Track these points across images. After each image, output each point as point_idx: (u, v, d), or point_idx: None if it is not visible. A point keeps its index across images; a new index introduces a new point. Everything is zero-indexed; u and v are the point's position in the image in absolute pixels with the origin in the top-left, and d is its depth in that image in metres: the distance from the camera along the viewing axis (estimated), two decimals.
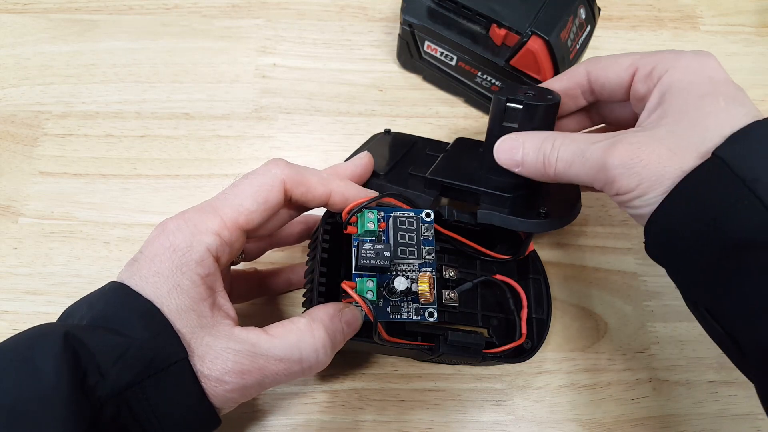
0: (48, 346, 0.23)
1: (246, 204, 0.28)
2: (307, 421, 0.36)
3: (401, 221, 0.32)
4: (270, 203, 0.29)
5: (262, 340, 0.27)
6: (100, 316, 0.25)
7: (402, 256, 0.31)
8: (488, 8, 0.40)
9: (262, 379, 0.27)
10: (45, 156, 0.43)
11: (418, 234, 0.32)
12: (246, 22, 0.49)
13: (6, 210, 0.41)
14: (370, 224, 0.30)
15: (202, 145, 0.44)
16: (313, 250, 0.33)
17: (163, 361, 0.25)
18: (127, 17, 0.49)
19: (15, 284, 0.39)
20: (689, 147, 0.25)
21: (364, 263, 0.30)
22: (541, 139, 0.30)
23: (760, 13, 0.52)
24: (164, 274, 0.26)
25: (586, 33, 0.42)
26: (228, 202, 0.28)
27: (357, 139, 0.45)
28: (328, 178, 0.31)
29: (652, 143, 0.26)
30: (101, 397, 0.23)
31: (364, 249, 0.30)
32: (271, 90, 0.47)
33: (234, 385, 0.26)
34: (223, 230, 0.27)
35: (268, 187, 0.28)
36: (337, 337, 0.29)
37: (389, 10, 0.50)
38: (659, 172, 0.25)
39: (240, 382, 0.26)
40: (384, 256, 0.30)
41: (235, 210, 0.28)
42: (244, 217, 0.28)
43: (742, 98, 0.27)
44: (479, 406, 0.37)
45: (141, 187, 0.43)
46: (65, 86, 0.46)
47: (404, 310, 0.31)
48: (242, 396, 0.27)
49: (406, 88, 0.48)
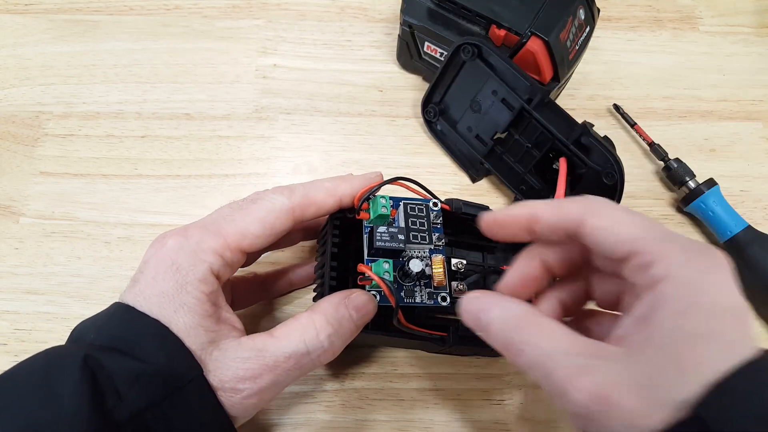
0: (67, 369, 0.23)
1: (251, 228, 0.28)
2: (307, 420, 0.36)
3: (411, 207, 0.32)
4: (276, 230, 0.29)
5: (269, 344, 0.27)
6: (111, 338, 0.25)
7: (414, 241, 0.31)
8: (488, 9, 0.40)
9: (276, 378, 0.27)
10: (46, 156, 0.43)
11: (428, 220, 0.32)
12: (246, 23, 0.49)
13: (7, 210, 0.41)
14: (383, 209, 0.30)
15: (203, 146, 0.44)
16: (322, 246, 0.33)
17: (180, 380, 0.25)
18: (127, 18, 0.49)
19: (16, 284, 0.39)
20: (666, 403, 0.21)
21: (379, 245, 0.30)
22: (508, 317, 0.26)
23: (760, 14, 0.52)
24: (169, 294, 0.26)
25: (586, 33, 0.42)
26: (234, 224, 0.28)
27: (357, 139, 0.45)
28: (334, 187, 0.31)
29: (624, 389, 0.22)
30: (120, 421, 0.23)
31: (378, 232, 0.30)
32: (272, 90, 0.47)
33: (249, 391, 0.26)
34: (226, 252, 0.27)
35: (275, 215, 0.29)
36: (344, 324, 0.29)
37: (389, 10, 0.50)
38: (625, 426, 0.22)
39: (254, 387, 0.26)
40: (399, 238, 0.30)
41: (240, 233, 0.28)
42: (248, 241, 0.28)
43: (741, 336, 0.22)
44: (479, 406, 0.37)
45: (142, 187, 0.43)
46: (66, 86, 0.46)
47: (418, 294, 0.31)
48: (260, 400, 0.27)
49: (406, 88, 0.48)
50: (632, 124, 0.46)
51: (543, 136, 0.39)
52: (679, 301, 0.22)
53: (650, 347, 0.22)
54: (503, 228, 0.28)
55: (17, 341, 0.37)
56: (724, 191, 0.42)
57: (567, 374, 0.23)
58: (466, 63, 0.41)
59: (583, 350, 0.23)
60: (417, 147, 0.46)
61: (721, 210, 0.42)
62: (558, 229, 0.26)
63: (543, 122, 0.38)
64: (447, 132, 0.45)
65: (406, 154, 0.45)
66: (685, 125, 0.48)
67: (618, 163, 0.37)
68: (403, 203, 0.32)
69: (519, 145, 0.41)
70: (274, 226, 0.29)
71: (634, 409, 0.21)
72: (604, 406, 0.22)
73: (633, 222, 0.24)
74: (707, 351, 0.21)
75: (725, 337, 0.22)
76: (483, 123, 0.42)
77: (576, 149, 0.38)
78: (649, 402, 0.22)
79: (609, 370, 0.22)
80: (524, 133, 0.40)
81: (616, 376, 0.22)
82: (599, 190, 0.38)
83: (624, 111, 0.46)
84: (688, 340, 0.22)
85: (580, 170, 0.39)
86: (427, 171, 0.45)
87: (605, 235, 0.24)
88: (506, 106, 0.40)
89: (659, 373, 0.22)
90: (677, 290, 0.22)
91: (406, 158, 0.45)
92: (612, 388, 0.22)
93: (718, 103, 0.48)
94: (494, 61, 0.39)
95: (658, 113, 0.48)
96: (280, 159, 0.44)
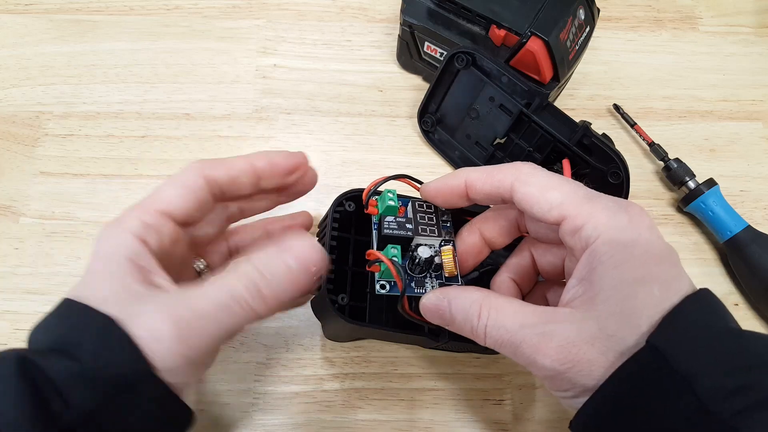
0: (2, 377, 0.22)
1: (166, 191, 0.28)
2: (307, 420, 0.36)
3: (419, 204, 0.33)
4: (189, 186, 0.29)
5: (197, 290, 0.25)
6: (55, 337, 0.25)
7: (423, 233, 0.31)
8: (488, 9, 0.40)
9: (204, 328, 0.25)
10: (46, 156, 0.43)
11: (437, 216, 0.32)
12: (246, 23, 0.49)
13: (7, 210, 0.41)
14: (390, 202, 0.31)
15: (203, 146, 0.44)
16: (321, 239, 0.33)
17: (127, 377, 0.23)
18: (128, 18, 0.49)
19: (16, 284, 0.39)
20: (622, 348, 0.23)
21: (387, 233, 0.30)
22: (468, 305, 0.27)
23: (759, 14, 0.52)
24: (99, 271, 0.26)
25: (586, 33, 0.42)
26: (150, 194, 0.29)
27: (357, 139, 0.45)
28: (249, 155, 0.31)
29: (583, 345, 0.24)
30: (69, 425, 0.22)
31: (386, 221, 0.30)
32: (272, 90, 0.47)
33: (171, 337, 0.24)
34: (144, 215, 0.27)
35: (185, 175, 0.29)
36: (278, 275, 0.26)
37: (389, 10, 0.51)
38: (591, 376, 0.24)
39: (178, 333, 0.24)
40: (407, 227, 0.30)
41: (156, 197, 0.28)
42: (165, 202, 0.28)
43: (675, 275, 0.25)
44: (479, 406, 0.37)
45: (142, 187, 0.43)
46: (66, 86, 0.46)
47: (428, 284, 0.31)
48: (189, 349, 0.24)
49: (406, 88, 0.48)
50: (632, 124, 0.46)
51: (544, 139, 0.39)
52: (614, 256, 0.25)
53: (598, 302, 0.24)
54: (441, 195, 0.31)
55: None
56: (724, 191, 0.42)
57: (531, 345, 0.25)
58: (460, 71, 0.41)
59: (540, 319, 0.25)
60: (417, 147, 0.46)
61: (721, 210, 0.42)
62: (492, 195, 0.29)
63: (544, 126, 0.38)
64: (445, 140, 0.45)
65: (406, 154, 0.45)
66: (685, 125, 0.48)
67: (623, 162, 0.37)
68: (411, 201, 0.33)
69: (520, 149, 0.41)
70: (186, 183, 0.28)
71: (596, 360, 0.24)
72: (569, 364, 0.24)
73: (559, 186, 0.27)
74: (648, 294, 0.24)
75: (661, 278, 0.24)
76: (482, 130, 0.42)
77: (579, 150, 0.38)
78: (607, 350, 0.24)
79: (566, 332, 0.24)
80: (524, 137, 0.40)
81: (574, 336, 0.24)
82: (605, 190, 0.37)
83: (624, 111, 0.46)
84: (629, 288, 0.24)
85: (583, 171, 0.39)
86: (427, 171, 0.45)
87: (534, 201, 0.27)
88: (504, 112, 0.40)
89: (610, 323, 0.24)
90: (609, 247, 0.25)
91: (406, 158, 0.45)
92: (572, 347, 0.24)
93: (718, 103, 0.48)
94: (489, 68, 0.39)
95: (658, 113, 0.48)
96: None
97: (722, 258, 0.43)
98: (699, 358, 0.22)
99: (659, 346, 0.22)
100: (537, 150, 0.40)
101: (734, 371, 0.22)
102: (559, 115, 0.39)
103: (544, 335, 0.24)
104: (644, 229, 0.25)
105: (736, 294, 0.42)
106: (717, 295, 0.25)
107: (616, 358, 0.23)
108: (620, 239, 0.25)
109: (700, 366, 0.22)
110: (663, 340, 0.23)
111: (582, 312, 0.25)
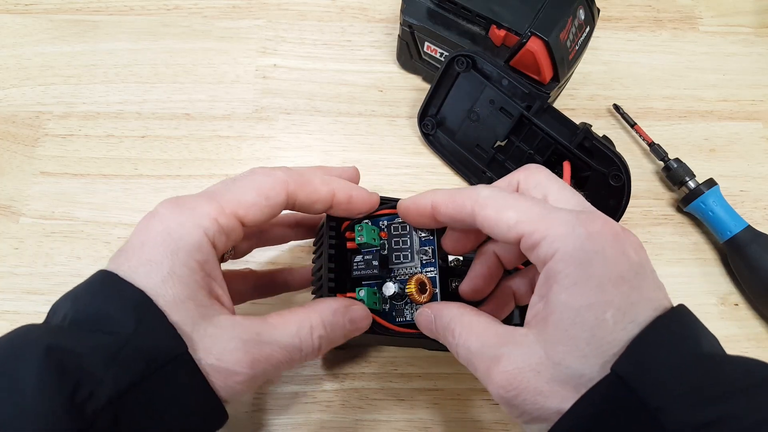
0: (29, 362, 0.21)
1: (247, 196, 0.27)
2: (307, 420, 0.36)
3: (395, 227, 0.32)
4: (271, 201, 0.27)
5: (265, 329, 0.26)
6: (86, 311, 0.23)
7: (397, 261, 0.31)
8: (488, 9, 0.40)
9: (268, 368, 0.26)
10: (46, 156, 0.43)
11: (412, 237, 0.32)
12: (246, 23, 0.49)
13: (7, 210, 0.41)
14: (360, 238, 0.30)
15: (203, 146, 0.44)
16: (319, 248, 0.33)
17: (163, 357, 0.23)
18: (127, 18, 0.49)
19: (16, 284, 0.39)
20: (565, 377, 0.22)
21: (356, 275, 0.31)
22: (447, 322, 0.27)
23: (759, 14, 0.52)
24: (157, 261, 0.24)
25: (586, 34, 0.42)
26: (230, 192, 0.27)
27: (357, 139, 0.45)
28: (329, 178, 0.30)
29: (528, 372, 0.23)
30: (97, 407, 0.21)
31: (355, 261, 0.31)
32: (272, 90, 0.47)
33: (245, 376, 0.25)
34: (221, 216, 0.25)
35: (270, 185, 0.27)
36: (337, 332, 0.28)
37: (389, 10, 0.51)
38: (538, 406, 0.22)
39: (250, 373, 0.25)
40: (373, 265, 0.30)
41: (236, 200, 0.26)
42: (243, 208, 0.26)
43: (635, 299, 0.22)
44: (479, 406, 0.37)
45: (142, 187, 0.43)
46: (66, 87, 0.46)
47: (407, 312, 0.31)
48: (250, 387, 0.26)
49: (406, 88, 0.48)
50: (632, 124, 0.46)
51: (545, 142, 0.39)
52: (569, 275, 0.23)
53: (549, 325, 0.23)
54: (411, 216, 0.29)
55: None
56: (723, 191, 0.42)
57: (484, 367, 0.24)
58: (460, 74, 0.41)
59: (498, 341, 0.24)
60: (417, 147, 0.46)
61: (721, 210, 0.42)
62: (456, 219, 0.27)
63: (544, 128, 0.38)
64: (446, 143, 0.45)
65: (406, 154, 0.45)
66: (685, 125, 0.48)
67: (624, 164, 0.37)
68: (387, 225, 0.32)
69: (521, 152, 0.41)
70: (269, 196, 0.27)
71: (542, 389, 0.22)
72: (514, 391, 0.23)
73: (515, 204, 0.25)
74: (599, 321, 0.22)
75: (616, 304, 0.22)
76: (482, 132, 0.42)
77: (580, 153, 0.38)
78: (551, 379, 0.22)
79: (516, 356, 0.23)
80: (525, 139, 0.40)
81: (522, 362, 0.23)
82: (606, 192, 0.38)
83: (624, 111, 0.46)
84: (580, 313, 0.22)
85: (584, 173, 0.39)
86: (427, 171, 0.45)
87: (493, 223, 0.25)
88: (505, 115, 0.40)
89: (558, 349, 0.22)
90: (564, 264, 0.23)
91: (406, 158, 0.45)
92: (517, 374, 0.23)
93: (718, 103, 0.48)
94: (489, 70, 0.39)
95: (658, 113, 0.48)
96: (280, 159, 0.44)
97: (722, 258, 0.43)
98: (668, 389, 0.20)
99: (624, 375, 0.21)
100: (538, 152, 0.40)
101: (705, 402, 0.20)
102: (559, 117, 0.39)
103: (494, 359, 0.24)
104: (608, 243, 0.23)
105: (736, 294, 0.42)
106: (717, 295, 0.24)
107: (562, 387, 0.22)
108: (578, 256, 0.23)
109: (668, 398, 0.20)
110: (629, 368, 0.21)
111: (535, 334, 0.23)
